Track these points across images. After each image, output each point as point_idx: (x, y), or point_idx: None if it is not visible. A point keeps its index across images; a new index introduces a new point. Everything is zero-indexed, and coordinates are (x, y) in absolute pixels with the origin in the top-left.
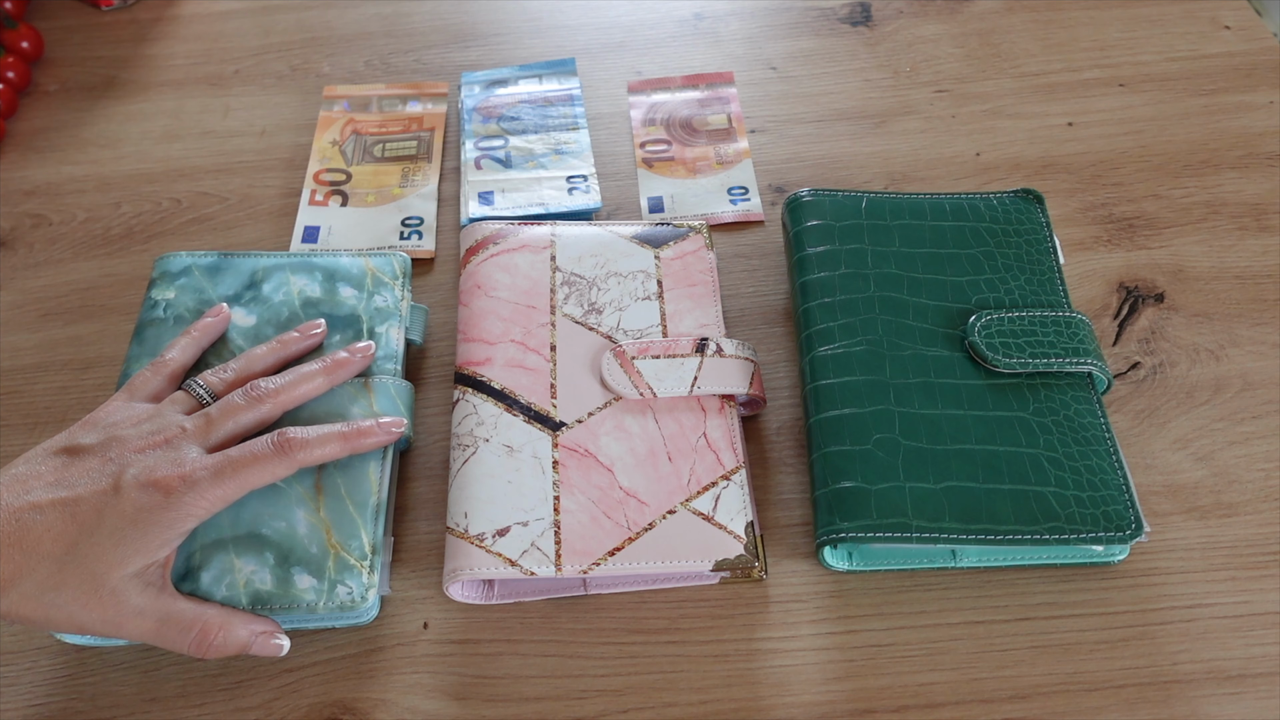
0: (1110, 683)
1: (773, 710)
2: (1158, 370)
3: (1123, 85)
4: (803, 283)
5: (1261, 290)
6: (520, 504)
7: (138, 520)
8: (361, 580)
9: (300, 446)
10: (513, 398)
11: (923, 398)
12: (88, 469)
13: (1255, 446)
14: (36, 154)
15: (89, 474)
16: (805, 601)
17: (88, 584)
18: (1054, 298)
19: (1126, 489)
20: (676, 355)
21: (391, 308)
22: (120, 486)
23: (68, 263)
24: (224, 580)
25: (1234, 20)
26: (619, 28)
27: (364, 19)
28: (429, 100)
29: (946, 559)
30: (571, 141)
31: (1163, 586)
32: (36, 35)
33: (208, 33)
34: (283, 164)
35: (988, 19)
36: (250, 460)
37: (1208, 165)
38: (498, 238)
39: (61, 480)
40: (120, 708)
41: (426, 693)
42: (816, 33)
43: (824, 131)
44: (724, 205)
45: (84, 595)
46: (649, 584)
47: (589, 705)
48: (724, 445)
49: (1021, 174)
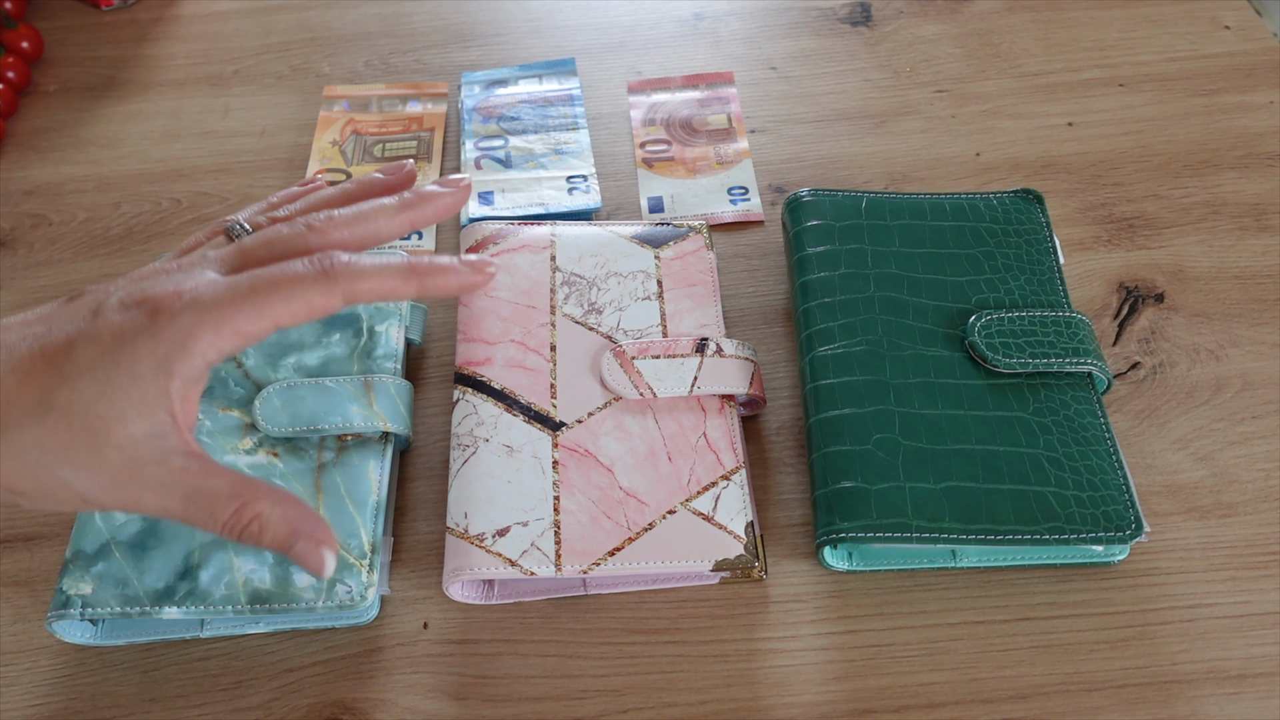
0: (1110, 683)
1: (773, 710)
2: (1158, 370)
3: (1123, 85)
4: (803, 283)
5: (1261, 290)
6: (520, 504)
7: (118, 356)
8: (361, 579)
9: (348, 273)
10: (513, 398)
11: (923, 398)
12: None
13: (1255, 446)
14: (36, 154)
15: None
16: (805, 601)
17: (82, 444)
18: (1054, 298)
19: (1126, 489)
20: (676, 355)
21: (391, 307)
22: (100, 311)
23: (68, 263)
24: (223, 579)
25: (1234, 20)
26: (619, 28)
27: (364, 19)
28: (429, 100)
29: (946, 559)
30: (571, 141)
31: (1163, 586)
32: (36, 35)
33: (208, 33)
34: (283, 164)
35: (988, 19)
36: (279, 279)
37: (1208, 165)
38: (498, 238)
39: (43, 317)
40: (120, 708)
41: (426, 693)
42: (816, 33)
43: (824, 131)
44: (724, 205)
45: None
46: (649, 584)
47: (589, 705)
48: (724, 445)
49: (1021, 174)
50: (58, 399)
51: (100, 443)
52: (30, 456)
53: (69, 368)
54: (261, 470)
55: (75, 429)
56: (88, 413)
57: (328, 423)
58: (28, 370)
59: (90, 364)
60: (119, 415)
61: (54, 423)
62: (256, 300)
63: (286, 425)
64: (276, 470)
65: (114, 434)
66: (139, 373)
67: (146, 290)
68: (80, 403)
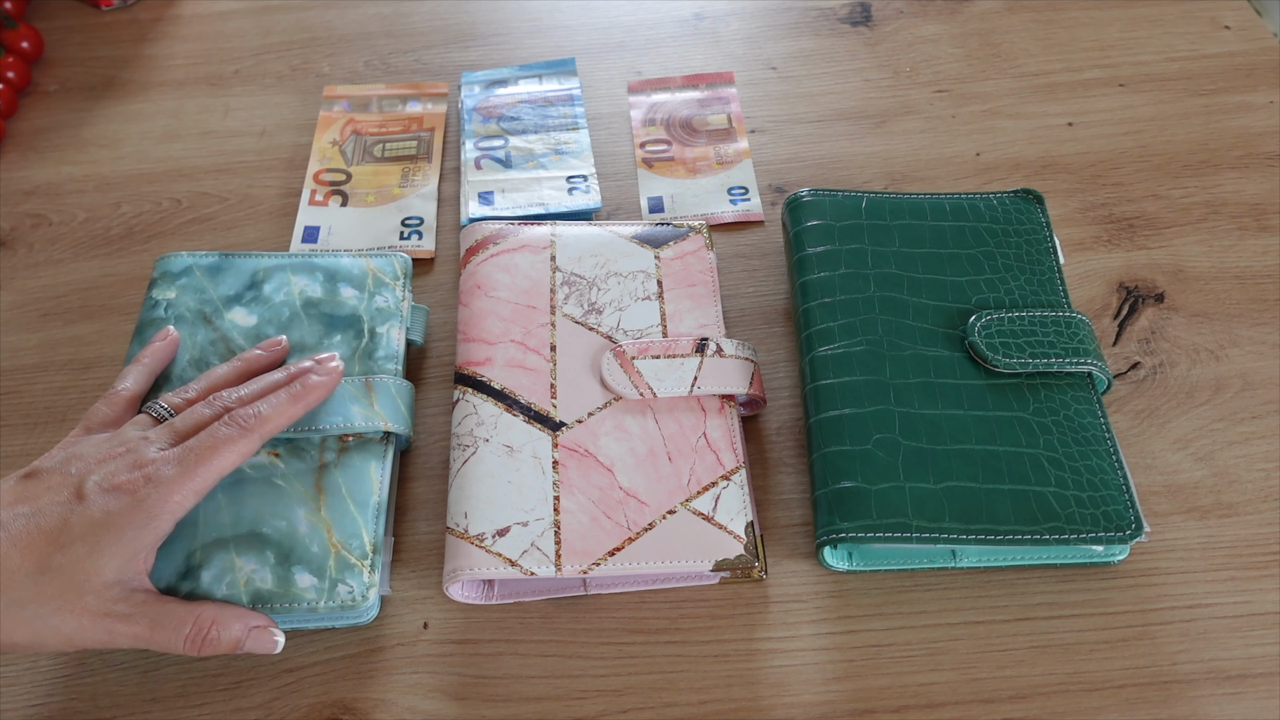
0: (1110, 683)
1: (773, 710)
2: (1158, 370)
3: (1123, 85)
4: (803, 283)
5: (1261, 290)
6: (520, 504)
7: (109, 526)
8: (362, 579)
9: (259, 421)
10: (513, 398)
11: (923, 398)
12: (48, 485)
13: (1255, 446)
14: (36, 154)
15: (50, 488)
16: (805, 601)
17: (69, 594)
18: (1054, 298)
19: (1126, 489)
20: (676, 355)
21: (392, 308)
22: (84, 493)
23: (68, 263)
24: (224, 579)
25: (1234, 20)
26: (619, 28)
27: (364, 19)
28: (429, 100)
29: (946, 559)
30: (571, 141)
31: (1163, 586)
32: (36, 35)
33: (208, 33)
34: (283, 164)
35: (988, 19)
36: (214, 444)
37: (1208, 165)
38: (498, 238)
39: (21, 498)
40: (120, 708)
41: (426, 693)
42: (816, 33)
43: (824, 131)
44: (724, 205)
45: (67, 607)
46: (649, 584)
47: (589, 705)
48: (724, 445)
49: (1021, 174)
50: (53, 562)
51: (83, 591)
52: (28, 610)
53: (64, 538)
54: (263, 470)
55: (64, 582)
56: (76, 569)
57: (329, 423)
58: (27, 544)
59: (82, 534)
60: (99, 569)
61: (49, 580)
62: (202, 467)
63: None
64: (278, 471)
65: (93, 582)
66: (124, 537)
67: (118, 478)
68: (70, 563)
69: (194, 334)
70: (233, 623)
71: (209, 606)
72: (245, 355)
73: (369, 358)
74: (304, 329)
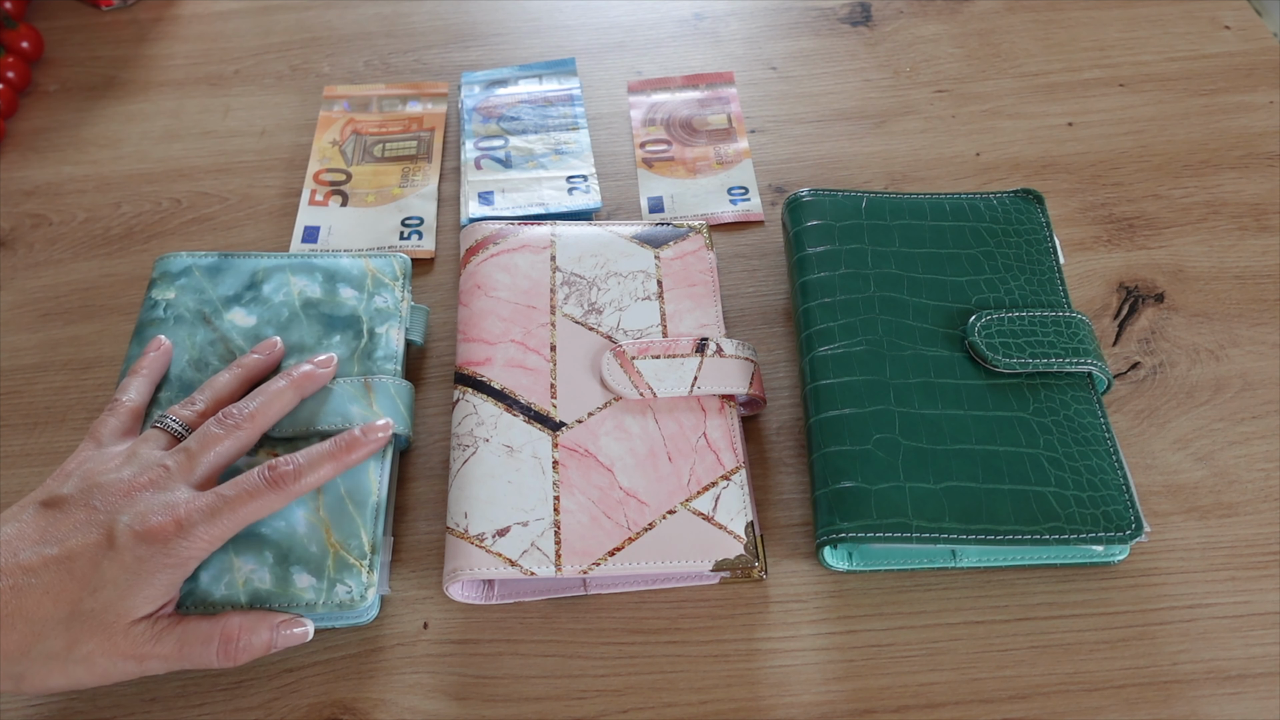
0: (1110, 683)
1: (773, 710)
2: (1158, 370)
3: (1123, 85)
4: (803, 283)
5: (1261, 290)
6: (520, 504)
7: (140, 572)
8: (361, 579)
9: (293, 478)
10: (513, 398)
11: (923, 398)
12: (75, 522)
13: (1255, 446)
14: (36, 154)
15: (77, 528)
16: (805, 601)
17: (100, 637)
18: (1054, 298)
19: (1126, 489)
20: (676, 355)
21: (392, 308)
22: (114, 538)
23: (68, 263)
24: (223, 579)
25: (1234, 20)
26: (619, 28)
27: (364, 19)
28: (429, 100)
29: (946, 559)
30: (571, 141)
31: (1163, 586)
32: (36, 35)
33: (208, 33)
34: (283, 164)
35: (988, 19)
36: (245, 498)
37: (1208, 165)
38: (498, 238)
39: (48, 537)
40: (120, 708)
41: (426, 693)
42: (816, 33)
43: (824, 131)
44: (724, 205)
45: (99, 650)
46: (649, 584)
47: (589, 705)
48: (724, 445)
49: (1021, 174)
50: (84, 606)
51: (113, 632)
52: (60, 658)
53: (95, 581)
54: None
55: (95, 625)
56: (107, 613)
57: (328, 423)
58: (59, 591)
59: (114, 578)
60: (130, 611)
61: (80, 625)
62: (233, 516)
63: (287, 425)
64: None
65: (123, 623)
66: (155, 581)
67: (148, 523)
68: (102, 607)
69: (193, 334)
70: (259, 626)
71: (232, 615)
72: (243, 361)
73: (368, 358)
74: (303, 329)
